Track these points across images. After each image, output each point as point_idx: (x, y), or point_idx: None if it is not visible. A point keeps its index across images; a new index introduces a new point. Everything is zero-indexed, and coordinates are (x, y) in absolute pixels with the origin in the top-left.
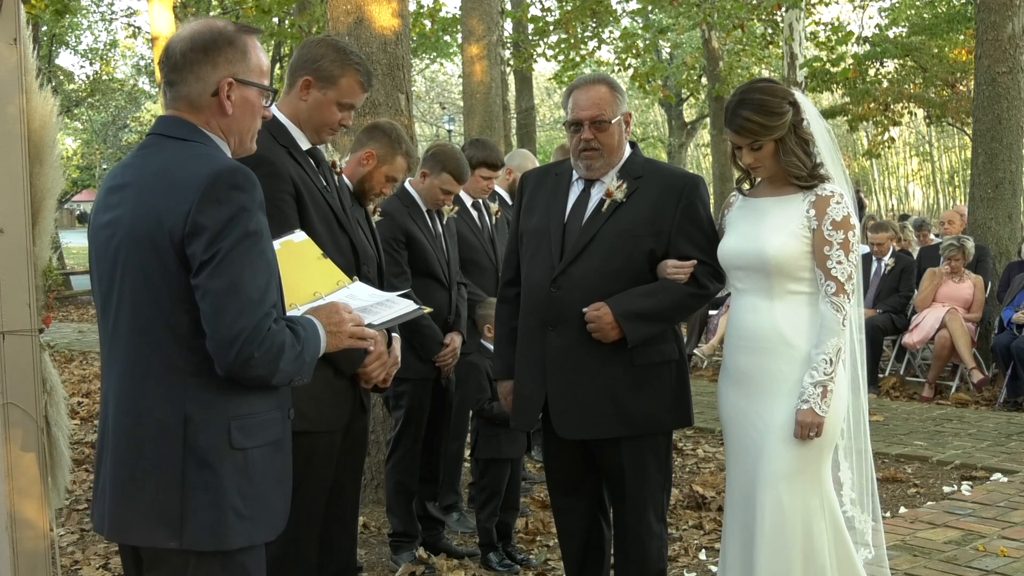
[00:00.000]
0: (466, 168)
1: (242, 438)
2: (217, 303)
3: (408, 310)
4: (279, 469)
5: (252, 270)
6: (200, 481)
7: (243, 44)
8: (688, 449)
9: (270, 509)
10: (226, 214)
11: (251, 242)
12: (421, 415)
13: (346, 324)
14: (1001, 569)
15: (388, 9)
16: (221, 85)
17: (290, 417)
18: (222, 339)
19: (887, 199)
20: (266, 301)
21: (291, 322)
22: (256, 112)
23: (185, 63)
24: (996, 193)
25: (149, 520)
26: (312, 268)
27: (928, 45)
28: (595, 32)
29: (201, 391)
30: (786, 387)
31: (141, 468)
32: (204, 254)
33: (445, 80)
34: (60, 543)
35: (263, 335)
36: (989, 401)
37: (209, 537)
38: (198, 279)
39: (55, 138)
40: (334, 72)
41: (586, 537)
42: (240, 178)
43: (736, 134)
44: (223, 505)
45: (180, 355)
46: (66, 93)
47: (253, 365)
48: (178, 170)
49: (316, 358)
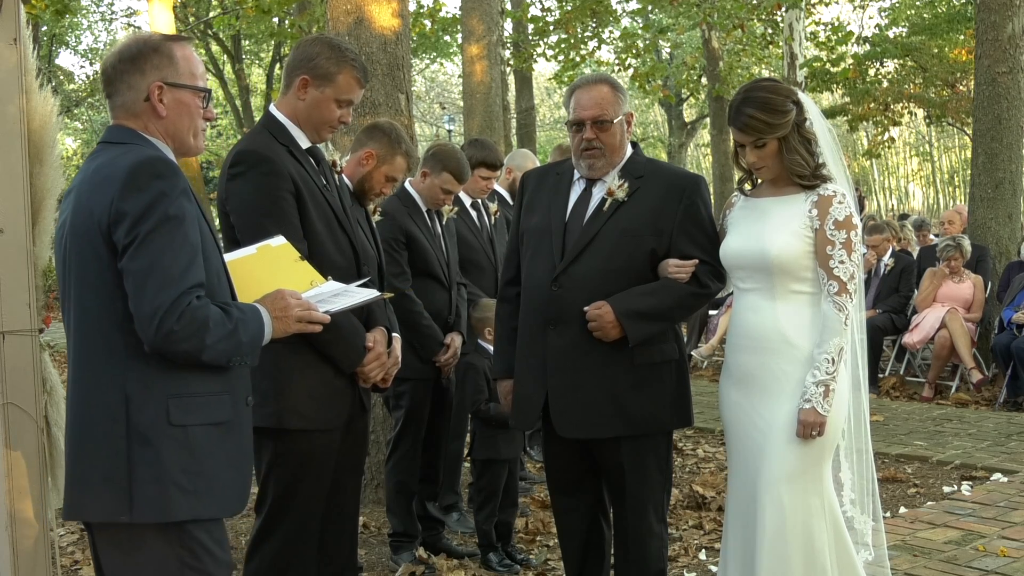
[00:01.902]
0: (467, 168)
1: (180, 415)
2: (138, 282)
3: (366, 296)
4: (231, 450)
5: (173, 251)
6: (143, 457)
7: (168, 50)
8: (688, 449)
9: (220, 487)
10: (146, 200)
11: (172, 225)
12: (421, 415)
13: (292, 309)
14: (1001, 569)
15: (388, 9)
16: (151, 90)
17: (248, 404)
18: (143, 315)
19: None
20: (187, 279)
21: (224, 304)
22: (193, 112)
23: (116, 75)
24: (996, 193)
25: (101, 497)
26: (288, 271)
27: (928, 45)
28: (595, 32)
29: (140, 371)
30: (788, 387)
31: (90, 448)
32: (126, 238)
33: (445, 80)
34: (60, 543)
35: (182, 309)
36: (989, 401)
37: (154, 510)
38: (122, 263)
39: (55, 138)
40: (330, 69)
41: (586, 537)
42: (161, 167)
43: (740, 132)
44: (165, 479)
45: (119, 339)
46: (66, 93)
47: (174, 339)
48: (109, 167)
49: (258, 341)
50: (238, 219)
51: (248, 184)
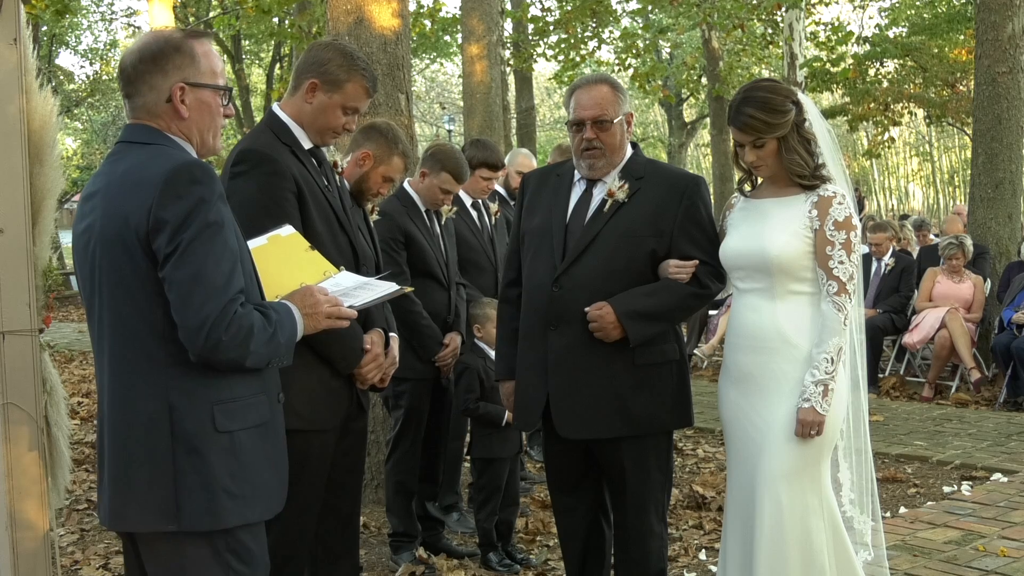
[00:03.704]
0: (466, 168)
1: (226, 421)
2: (183, 292)
3: (389, 290)
4: (270, 450)
5: (215, 258)
6: (189, 465)
7: (190, 49)
8: (688, 449)
9: (263, 488)
10: (186, 207)
11: (212, 231)
12: (421, 415)
13: (321, 306)
14: (1001, 569)
15: (388, 9)
16: (173, 91)
17: (280, 401)
18: (190, 326)
19: (887, 199)
20: (231, 287)
21: (262, 306)
22: (214, 111)
23: (137, 75)
24: (996, 193)
25: (146, 507)
26: (299, 260)
27: (928, 45)
28: (595, 32)
29: (182, 380)
30: (787, 386)
31: (134, 458)
32: (168, 247)
33: (445, 80)
34: (60, 543)
35: (229, 319)
36: (989, 401)
37: (204, 518)
38: (164, 272)
39: (55, 138)
40: (340, 76)
41: (587, 537)
42: (198, 172)
43: (739, 131)
44: (214, 486)
45: (159, 348)
46: (66, 93)
47: (222, 349)
48: (140, 171)
49: (293, 340)
50: (240, 218)
51: (251, 183)
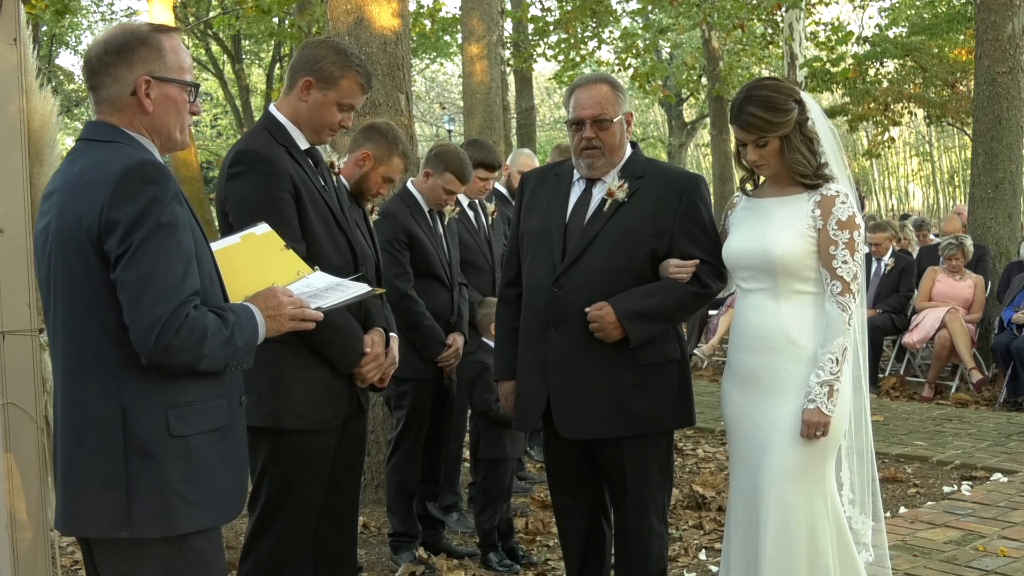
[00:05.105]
0: (469, 168)
1: (181, 425)
2: (133, 294)
3: (360, 291)
4: (228, 455)
5: (167, 260)
6: (142, 470)
7: (157, 43)
8: (688, 449)
9: (219, 494)
10: (138, 207)
11: (165, 232)
12: (423, 415)
13: (284, 307)
14: (1001, 569)
15: (388, 9)
16: (138, 84)
17: (242, 403)
18: (140, 328)
19: (887, 199)
20: (183, 289)
21: (219, 308)
22: (180, 107)
23: (102, 67)
24: (996, 193)
25: (98, 512)
26: (273, 259)
27: (928, 45)
28: (595, 32)
29: (135, 383)
30: (792, 387)
31: (86, 462)
32: (119, 248)
33: (445, 80)
34: (60, 543)
35: (180, 321)
36: (989, 401)
37: (157, 524)
38: (115, 273)
39: (55, 138)
40: (335, 73)
41: (587, 537)
42: (152, 171)
43: (742, 130)
44: (167, 492)
45: (112, 350)
46: (66, 93)
47: (173, 352)
48: (94, 170)
49: (254, 342)
50: (237, 219)
51: (247, 184)
